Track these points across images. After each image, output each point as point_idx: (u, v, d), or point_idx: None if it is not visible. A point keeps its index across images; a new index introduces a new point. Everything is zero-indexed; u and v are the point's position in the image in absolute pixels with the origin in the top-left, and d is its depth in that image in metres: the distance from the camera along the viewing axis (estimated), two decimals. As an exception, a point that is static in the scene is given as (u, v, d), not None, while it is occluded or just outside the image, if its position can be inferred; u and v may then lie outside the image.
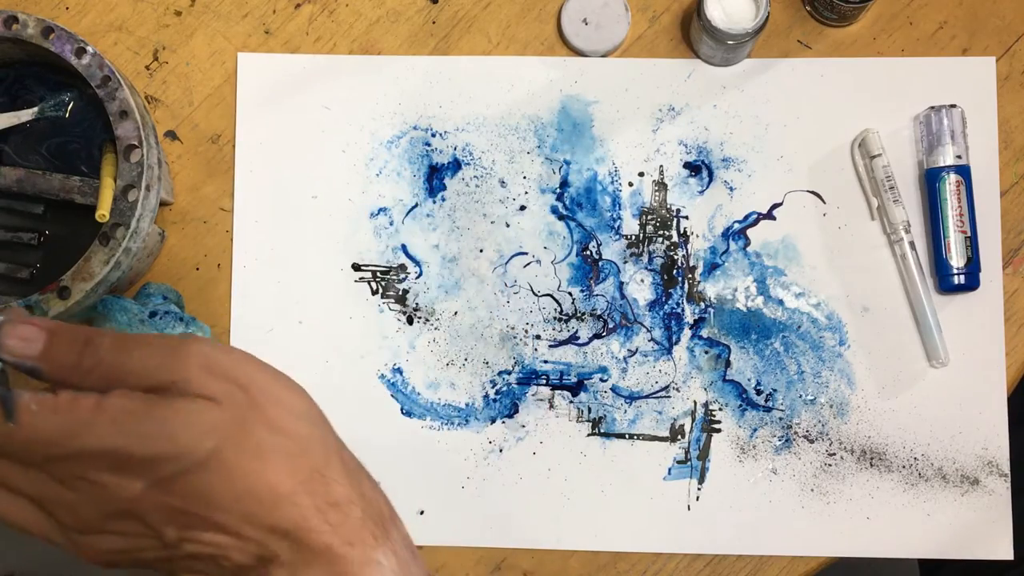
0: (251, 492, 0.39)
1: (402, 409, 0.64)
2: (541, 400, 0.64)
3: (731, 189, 0.65)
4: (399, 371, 0.64)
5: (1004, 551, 0.62)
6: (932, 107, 0.63)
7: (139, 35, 0.66)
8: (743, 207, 0.65)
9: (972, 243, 0.63)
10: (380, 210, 0.65)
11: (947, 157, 0.63)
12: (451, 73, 0.66)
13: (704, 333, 0.64)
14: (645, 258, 0.65)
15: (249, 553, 0.40)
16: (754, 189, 0.65)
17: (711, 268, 0.65)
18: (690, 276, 0.65)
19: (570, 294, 0.65)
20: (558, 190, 0.65)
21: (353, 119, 0.65)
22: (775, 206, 0.65)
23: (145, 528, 0.40)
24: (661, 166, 0.65)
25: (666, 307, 0.64)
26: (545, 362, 0.64)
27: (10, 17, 0.57)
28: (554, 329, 0.64)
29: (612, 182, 0.65)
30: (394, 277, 0.65)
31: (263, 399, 0.41)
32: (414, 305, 0.65)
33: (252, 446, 0.39)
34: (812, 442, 0.63)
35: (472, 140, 0.65)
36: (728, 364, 0.64)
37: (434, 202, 0.65)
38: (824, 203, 0.65)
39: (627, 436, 0.64)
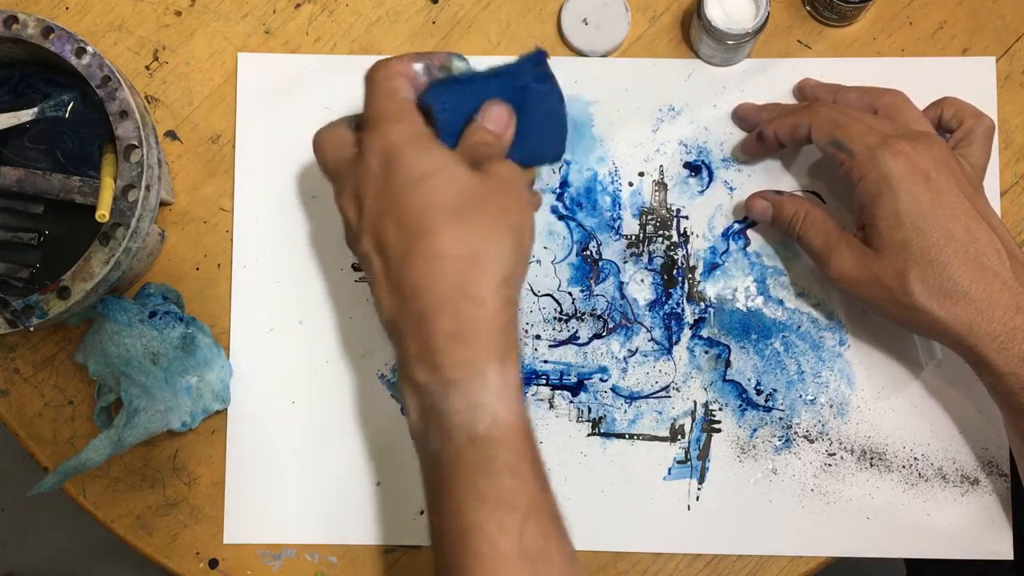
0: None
1: (402, 409, 0.64)
2: (541, 400, 0.64)
3: (731, 189, 0.65)
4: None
5: (1004, 551, 0.62)
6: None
7: (139, 35, 0.66)
8: (743, 207, 0.65)
9: (972, 243, 0.63)
10: (380, 210, 0.65)
11: (947, 157, 0.63)
12: (451, 73, 0.65)
13: (704, 333, 0.64)
14: (645, 258, 0.65)
15: None
16: (754, 189, 0.65)
17: (711, 268, 0.65)
18: (690, 276, 0.65)
19: (570, 294, 0.64)
20: (558, 190, 0.65)
21: (353, 119, 0.65)
22: (775, 206, 0.65)
23: None
24: (661, 166, 0.65)
25: (666, 307, 0.64)
26: (545, 362, 0.64)
27: (10, 17, 0.57)
28: (554, 329, 0.64)
29: (612, 182, 0.65)
30: (394, 277, 0.65)
31: None
32: (414, 305, 0.64)
33: None
34: (812, 442, 0.63)
35: (472, 140, 0.65)
36: (728, 364, 0.64)
37: (434, 202, 0.65)
38: (824, 203, 0.65)
39: (627, 436, 0.63)
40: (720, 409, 0.64)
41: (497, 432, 0.46)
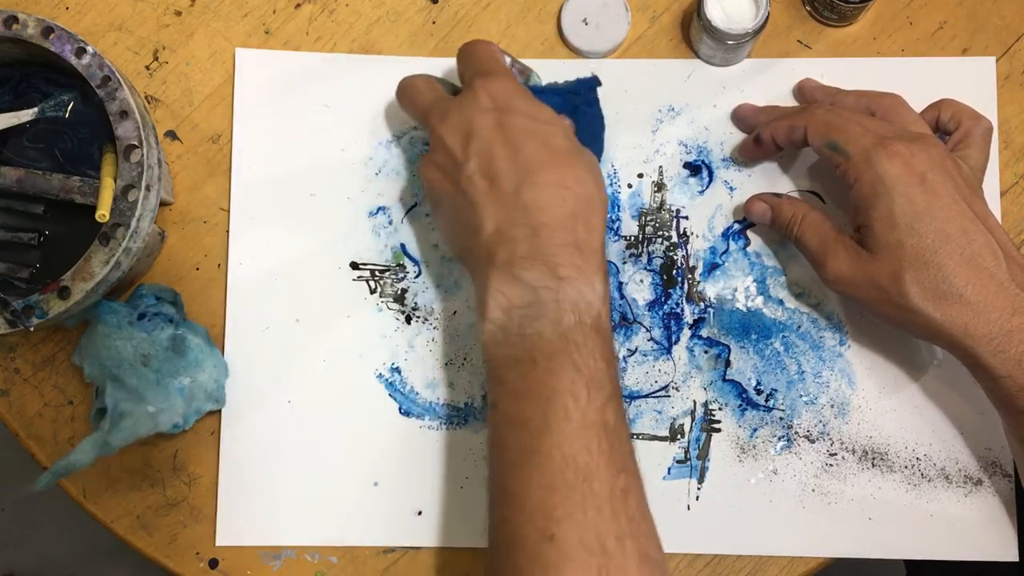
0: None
1: (401, 409, 0.64)
2: (541, 400, 0.64)
3: (731, 189, 0.65)
4: (397, 370, 0.64)
5: (1008, 552, 0.62)
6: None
7: (139, 35, 0.66)
8: (742, 209, 0.64)
9: (973, 242, 0.62)
10: (379, 209, 0.65)
11: (947, 156, 0.63)
12: (451, 73, 0.65)
13: (704, 333, 0.64)
14: (645, 258, 0.65)
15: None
16: (754, 189, 0.65)
17: (711, 268, 0.64)
18: (690, 276, 0.64)
19: (570, 294, 0.64)
20: (558, 190, 0.65)
21: (353, 118, 0.65)
22: (775, 206, 0.65)
23: None
24: (661, 166, 0.65)
25: (666, 307, 0.64)
26: (545, 362, 0.64)
27: (10, 17, 0.57)
28: (554, 329, 0.64)
29: (611, 183, 0.65)
30: (392, 276, 0.65)
31: None
32: (412, 304, 0.64)
33: None
34: (813, 442, 0.63)
35: (472, 140, 0.65)
36: (728, 364, 0.64)
37: (434, 202, 0.65)
38: (824, 203, 0.64)
39: (627, 436, 0.63)
40: (720, 409, 0.63)
41: (600, 325, 0.52)
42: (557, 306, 0.52)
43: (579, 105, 0.61)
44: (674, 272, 0.64)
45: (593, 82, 0.62)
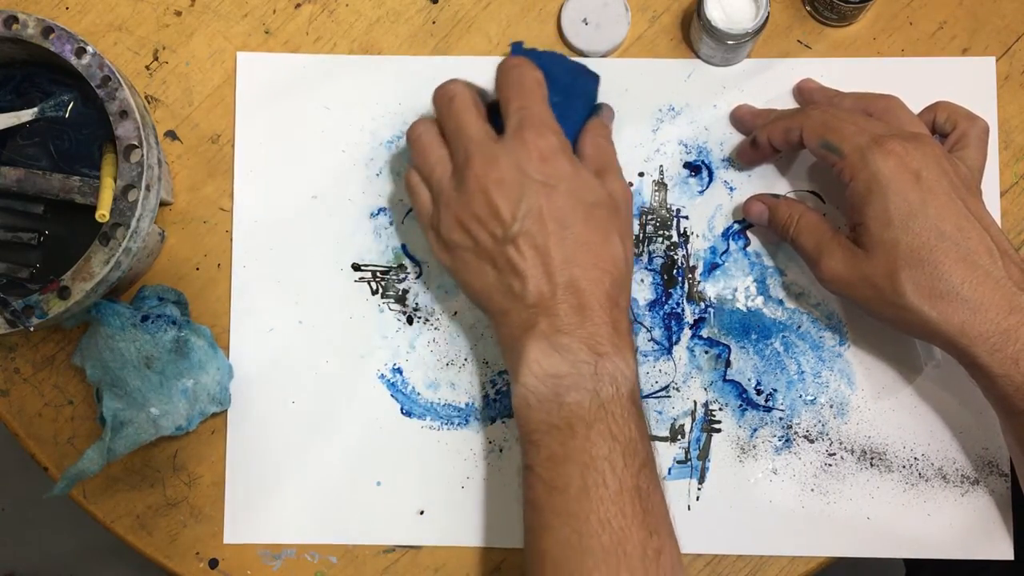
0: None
1: (402, 409, 0.64)
2: (541, 400, 0.64)
3: (731, 189, 0.65)
4: (399, 371, 0.64)
5: (1004, 551, 0.62)
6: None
7: (139, 35, 0.66)
8: (741, 209, 0.65)
9: (972, 243, 0.62)
10: (380, 210, 0.65)
11: (947, 157, 0.63)
12: (451, 73, 0.65)
13: (704, 333, 0.64)
14: (645, 258, 0.65)
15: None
16: (754, 189, 0.65)
17: (711, 268, 0.65)
18: (690, 276, 0.65)
19: (570, 294, 0.64)
20: (558, 190, 0.65)
21: (353, 119, 0.65)
22: (775, 206, 0.65)
23: None
24: (661, 166, 0.65)
25: (666, 307, 0.64)
26: (545, 362, 0.64)
27: (10, 17, 0.57)
28: (554, 329, 0.64)
29: (612, 182, 0.65)
30: (394, 277, 0.65)
31: None
32: (414, 305, 0.65)
33: None
34: (812, 442, 0.63)
35: (472, 140, 0.65)
36: (728, 364, 0.64)
37: (434, 202, 0.65)
38: (824, 203, 0.65)
39: (627, 436, 0.63)
40: (720, 409, 0.64)
41: (635, 396, 0.55)
42: (596, 379, 0.53)
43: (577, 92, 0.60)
44: (674, 272, 0.65)
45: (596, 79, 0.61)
